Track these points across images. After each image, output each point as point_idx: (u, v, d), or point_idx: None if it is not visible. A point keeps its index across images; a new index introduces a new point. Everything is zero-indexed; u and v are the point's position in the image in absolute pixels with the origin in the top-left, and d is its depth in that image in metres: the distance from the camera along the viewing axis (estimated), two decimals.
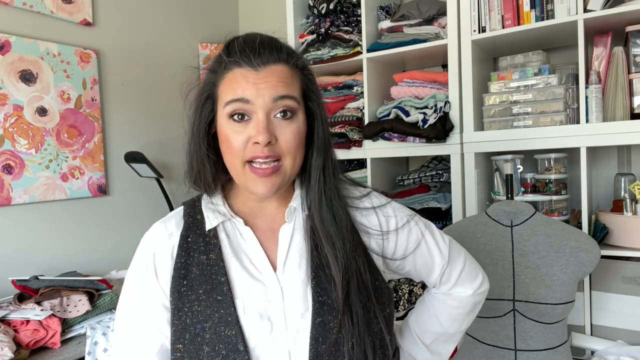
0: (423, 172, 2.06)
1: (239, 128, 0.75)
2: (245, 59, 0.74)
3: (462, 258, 0.94)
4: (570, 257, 1.27)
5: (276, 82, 0.74)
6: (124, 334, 0.81)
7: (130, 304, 0.81)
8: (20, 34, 1.80)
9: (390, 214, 0.87)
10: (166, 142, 2.37)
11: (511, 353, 1.27)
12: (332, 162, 0.83)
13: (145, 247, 0.82)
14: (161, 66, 2.36)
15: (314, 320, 0.76)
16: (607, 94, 1.62)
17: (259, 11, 2.76)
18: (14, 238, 1.78)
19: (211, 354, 0.74)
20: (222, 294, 0.76)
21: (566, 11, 1.61)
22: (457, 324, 0.96)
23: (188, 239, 0.81)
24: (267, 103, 0.74)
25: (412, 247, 0.88)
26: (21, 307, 1.45)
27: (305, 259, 0.80)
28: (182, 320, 0.76)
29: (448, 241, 0.93)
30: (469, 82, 1.78)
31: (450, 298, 0.94)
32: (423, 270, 0.91)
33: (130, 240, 2.18)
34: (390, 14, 2.03)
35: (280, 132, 0.75)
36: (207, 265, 0.79)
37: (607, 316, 1.60)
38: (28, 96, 1.81)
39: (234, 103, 0.74)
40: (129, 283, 0.82)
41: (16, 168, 1.77)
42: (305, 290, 0.78)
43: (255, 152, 0.74)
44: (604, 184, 1.86)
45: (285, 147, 0.75)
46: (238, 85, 0.74)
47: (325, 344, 0.75)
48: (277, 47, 0.77)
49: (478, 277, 0.95)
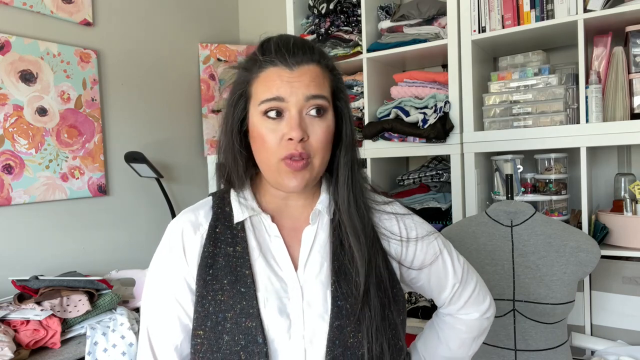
0: (423, 172, 2.06)
1: (273, 125, 0.77)
2: (280, 58, 0.77)
3: (474, 281, 0.96)
4: (570, 257, 1.27)
5: (309, 81, 0.77)
6: (150, 309, 0.84)
7: (158, 283, 0.84)
8: (20, 34, 1.80)
9: (411, 226, 0.90)
10: (166, 142, 2.37)
11: (511, 353, 1.27)
12: (358, 161, 0.86)
13: (174, 232, 0.84)
14: (161, 66, 2.36)
15: (332, 324, 0.78)
16: (607, 94, 1.62)
17: (259, 11, 2.76)
18: (14, 238, 1.78)
19: (230, 343, 0.77)
20: (245, 286, 0.79)
21: (566, 11, 1.61)
22: (465, 349, 0.97)
23: (216, 230, 0.84)
24: (300, 101, 0.76)
25: (430, 260, 0.90)
26: (21, 307, 1.45)
27: (327, 262, 0.82)
28: (205, 308, 0.79)
29: (463, 262, 0.95)
30: (469, 82, 1.78)
31: (459, 322, 0.96)
32: (435, 286, 0.93)
33: (130, 240, 2.18)
34: (390, 14, 2.03)
35: (312, 129, 0.78)
36: (233, 257, 0.81)
37: (607, 316, 1.60)
38: (28, 96, 1.81)
39: (270, 102, 0.77)
40: (157, 263, 0.85)
41: (16, 168, 1.77)
42: (325, 293, 0.80)
43: (289, 150, 0.76)
44: (604, 184, 1.86)
45: (316, 145, 0.78)
46: (273, 83, 0.77)
47: (342, 347, 0.77)
48: (310, 48, 0.80)
49: (486, 300, 0.97)
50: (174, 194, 2.37)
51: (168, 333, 0.83)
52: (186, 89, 2.48)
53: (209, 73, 2.53)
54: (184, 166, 2.47)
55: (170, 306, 0.83)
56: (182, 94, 2.45)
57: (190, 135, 2.50)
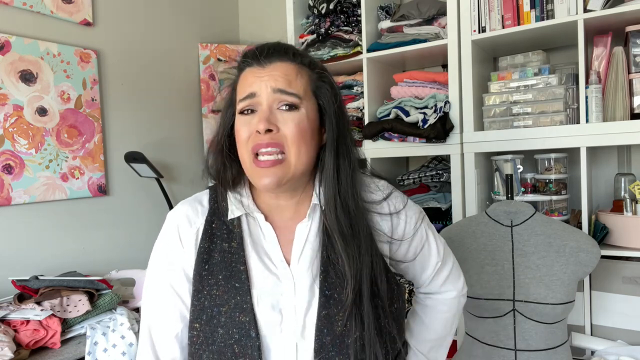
0: (423, 172, 2.06)
1: (246, 120, 0.80)
2: (254, 59, 0.82)
3: (451, 258, 1.01)
4: (570, 257, 1.27)
5: (278, 76, 0.79)
6: (151, 300, 0.86)
7: (157, 274, 0.86)
8: (20, 34, 1.80)
9: (402, 221, 0.90)
10: (166, 142, 2.37)
11: (511, 353, 1.27)
12: (350, 162, 0.84)
13: (172, 224, 0.86)
14: (161, 66, 2.35)
15: (320, 313, 0.79)
16: (607, 94, 1.62)
17: (259, 11, 2.76)
18: (14, 238, 1.78)
19: (225, 336, 0.79)
20: (239, 281, 0.81)
21: (566, 11, 1.61)
22: (448, 326, 1.02)
23: (212, 225, 0.85)
24: (269, 94, 0.78)
25: (418, 248, 0.93)
26: (21, 307, 1.45)
27: (318, 255, 0.83)
28: (201, 302, 0.81)
29: (442, 241, 0.99)
30: (469, 82, 1.78)
31: (439, 303, 1.00)
32: (418, 267, 0.96)
33: (130, 240, 2.18)
34: (390, 14, 2.03)
35: (282, 122, 0.79)
36: (228, 252, 0.83)
37: (607, 316, 1.60)
38: (28, 96, 1.81)
39: (245, 100, 0.80)
40: (156, 255, 0.87)
41: (16, 168, 1.77)
42: (313, 284, 0.81)
43: (257, 141, 0.78)
44: (604, 184, 1.86)
45: (288, 137, 0.78)
46: (247, 81, 0.81)
47: (330, 335, 0.78)
48: (284, 48, 0.83)
49: (461, 278, 1.02)
50: (174, 194, 2.37)
51: (168, 322, 0.84)
52: (186, 89, 2.48)
53: (209, 73, 2.53)
54: (184, 166, 2.47)
55: (170, 297, 0.84)
56: (182, 93, 2.45)
57: (190, 135, 2.50)
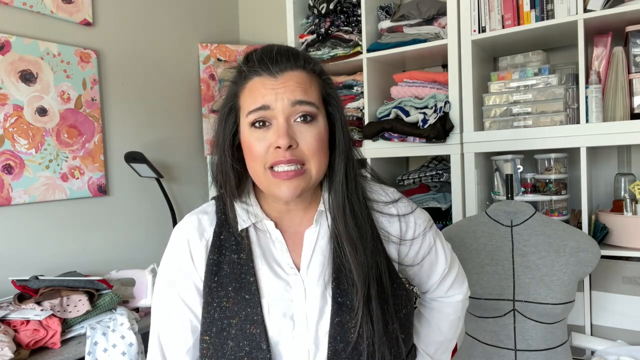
0: (423, 172, 2.06)
1: (261, 135, 0.77)
2: (263, 67, 0.77)
3: (456, 263, 1.00)
4: (570, 257, 1.27)
5: (294, 87, 0.76)
6: (161, 315, 0.85)
7: (168, 288, 0.85)
8: (20, 34, 1.80)
9: (412, 226, 0.90)
10: (166, 142, 2.37)
11: (511, 353, 1.27)
12: (354, 165, 0.85)
13: (181, 239, 0.85)
14: (161, 66, 2.35)
15: (333, 320, 0.79)
16: (607, 94, 1.62)
17: (259, 11, 2.76)
18: (14, 238, 1.78)
19: (235, 349, 0.78)
20: (250, 293, 0.80)
21: (566, 11, 1.61)
22: (453, 329, 1.02)
23: (221, 237, 0.84)
24: (286, 107, 0.76)
25: (425, 253, 0.93)
26: (21, 307, 1.45)
27: (328, 262, 0.82)
28: (211, 315, 0.80)
29: (449, 248, 0.98)
30: (469, 82, 1.78)
31: (446, 306, 1.00)
32: (426, 273, 0.95)
33: (130, 241, 2.18)
34: (390, 14, 2.03)
35: (300, 136, 0.77)
36: (237, 264, 0.82)
37: (607, 316, 1.60)
38: (28, 96, 1.81)
39: (256, 112, 0.76)
40: (165, 269, 0.86)
41: (16, 168, 1.77)
42: (325, 291, 0.81)
43: (277, 157, 0.76)
44: (604, 184, 1.86)
45: (307, 151, 0.77)
46: (258, 92, 0.77)
47: (343, 342, 0.78)
48: (294, 55, 0.80)
49: (465, 282, 1.02)
50: (174, 194, 2.37)
51: (179, 337, 0.83)
52: (186, 89, 2.48)
53: (209, 73, 2.53)
54: (184, 166, 2.47)
55: (181, 311, 0.83)
56: (182, 93, 2.45)
57: (190, 135, 2.50)
